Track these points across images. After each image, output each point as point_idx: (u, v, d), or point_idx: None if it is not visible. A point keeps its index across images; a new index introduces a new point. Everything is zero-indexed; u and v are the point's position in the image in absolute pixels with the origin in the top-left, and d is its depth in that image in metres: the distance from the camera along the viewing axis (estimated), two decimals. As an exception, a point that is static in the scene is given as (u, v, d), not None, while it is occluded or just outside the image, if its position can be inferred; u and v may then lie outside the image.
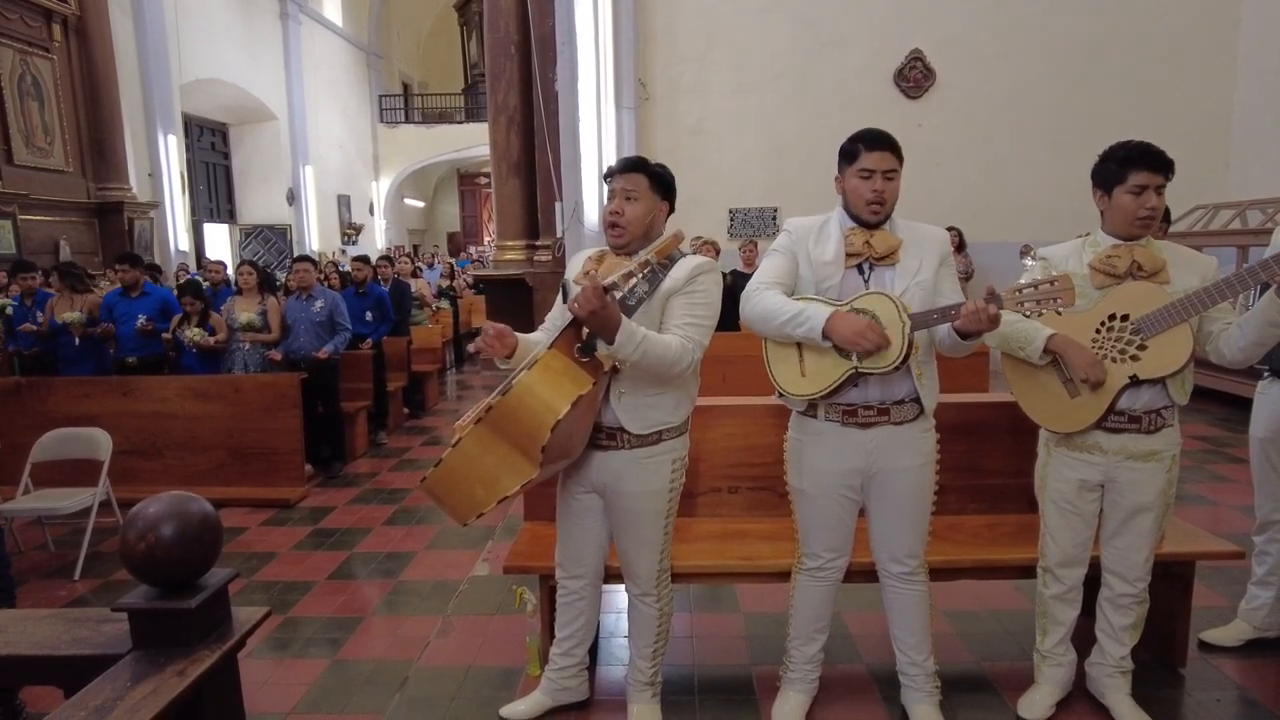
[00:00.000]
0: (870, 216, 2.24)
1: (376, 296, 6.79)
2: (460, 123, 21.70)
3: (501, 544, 4.09)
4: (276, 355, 5.50)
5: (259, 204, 17.43)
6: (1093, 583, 2.55)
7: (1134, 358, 2.25)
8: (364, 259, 7.17)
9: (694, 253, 2.56)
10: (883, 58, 8.89)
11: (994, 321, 2.05)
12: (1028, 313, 2.04)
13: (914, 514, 2.35)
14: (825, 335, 2.14)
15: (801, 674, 2.55)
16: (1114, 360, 2.27)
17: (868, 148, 2.22)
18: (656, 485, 2.30)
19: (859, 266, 2.26)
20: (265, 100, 16.61)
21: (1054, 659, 2.58)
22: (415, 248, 22.67)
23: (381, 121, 21.73)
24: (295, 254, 10.96)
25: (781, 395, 2.34)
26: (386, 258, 8.25)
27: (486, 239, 23.78)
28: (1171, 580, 2.76)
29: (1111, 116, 8.31)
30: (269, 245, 17.01)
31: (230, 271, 8.03)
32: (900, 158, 2.25)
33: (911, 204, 2.83)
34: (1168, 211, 3.30)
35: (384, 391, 6.69)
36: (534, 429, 1.95)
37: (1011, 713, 2.59)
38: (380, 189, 21.76)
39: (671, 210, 2.38)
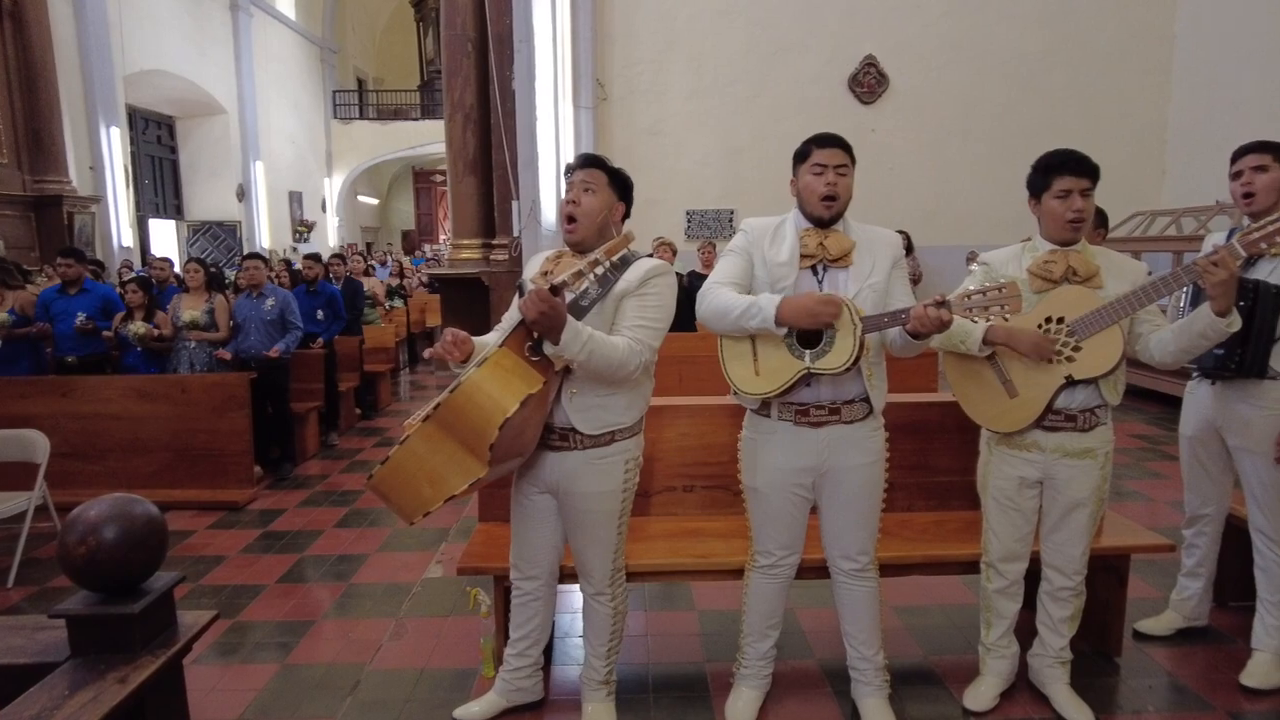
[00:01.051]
0: (824, 212, 2.28)
1: (328, 295, 6.67)
2: (416, 120, 21.45)
3: (455, 545, 4.07)
4: (225, 354, 5.38)
5: (208, 200, 17.00)
6: (1034, 577, 2.63)
7: (1069, 359, 2.33)
8: (316, 257, 7.05)
9: (652, 253, 2.57)
10: (837, 63, 9.03)
11: (945, 325, 2.10)
12: (976, 318, 2.10)
13: (864, 511, 2.40)
14: (779, 322, 2.18)
15: (754, 670, 2.59)
16: (1051, 361, 2.35)
17: (819, 145, 2.29)
18: (610, 485, 2.31)
19: (813, 268, 2.30)
20: (214, 93, 16.20)
21: (998, 651, 2.66)
22: (369, 246, 22.34)
23: (335, 117, 21.37)
24: (245, 251, 10.73)
25: (736, 394, 2.37)
26: (339, 255, 8.11)
27: (442, 237, 23.53)
28: (1108, 573, 2.86)
29: (1055, 126, 8.57)
30: (218, 242, 16.60)
31: (178, 269, 7.82)
32: (852, 156, 2.31)
33: (864, 207, 2.90)
34: (1105, 218, 3.42)
35: (335, 392, 6.59)
36: (482, 427, 1.94)
37: (958, 704, 2.65)
38: (333, 186, 21.39)
39: (628, 213, 2.39)
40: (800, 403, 2.30)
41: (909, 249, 8.46)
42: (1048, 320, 2.37)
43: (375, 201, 25.02)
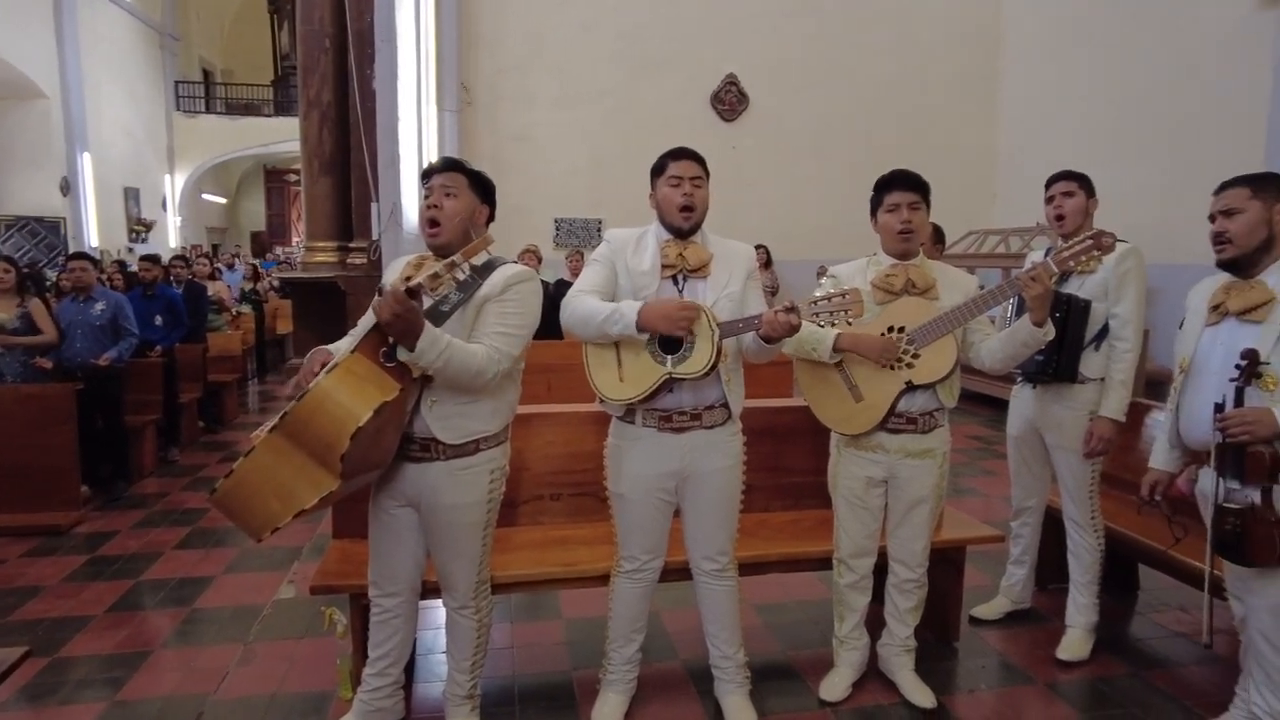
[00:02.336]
0: (683, 222, 2.35)
1: (168, 299, 6.20)
2: (269, 116, 20.28)
3: (309, 564, 3.86)
4: (45, 363, 4.88)
5: (24, 193, 15.32)
6: (881, 571, 2.80)
7: (909, 365, 2.51)
8: (154, 258, 6.53)
9: (516, 260, 2.56)
10: (700, 80, 9.31)
11: (794, 328, 2.21)
12: (822, 323, 2.22)
13: (724, 513, 2.48)
14: (640, 327, 2.22)
15: (620, 675, 2.61)
16: (892, 368, 2.52)
17: (674, 158, 2.38)
18: (474, 497, 2.27)
19: (674, 278, 2.37)
20: (31, 75, 14.63)
21: (850, 643, 2.80)
22: (215, 247, 20.90)
23: (178, 110, 19.83)
24: (71, 250, 9.77)
25: (602, 401, 2.40)
26: (182, 257, 7.56)
27: (295, 239, 22.34)
28: (946, 564, 3.08)
29: (900, 150, 9.15)
30: (38, 240, 15.00)
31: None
32: (706, 169, 2.40)
33: (724, 221, 3.00)
34: (942, 234, 3.70)
35: (176, 403, 6.13)
36: (333, 437, 1.85)
37: (814, 696, 2.78)
38: (175, 183, 19.84)
39: (492, 217, 2.37)
40: (663, 409, 2.35)
41: (768, 262, 8.83)
42: (889, 329, 2.54)
43: (223, 201, 23.43)
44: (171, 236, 19.32)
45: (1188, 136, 7.18)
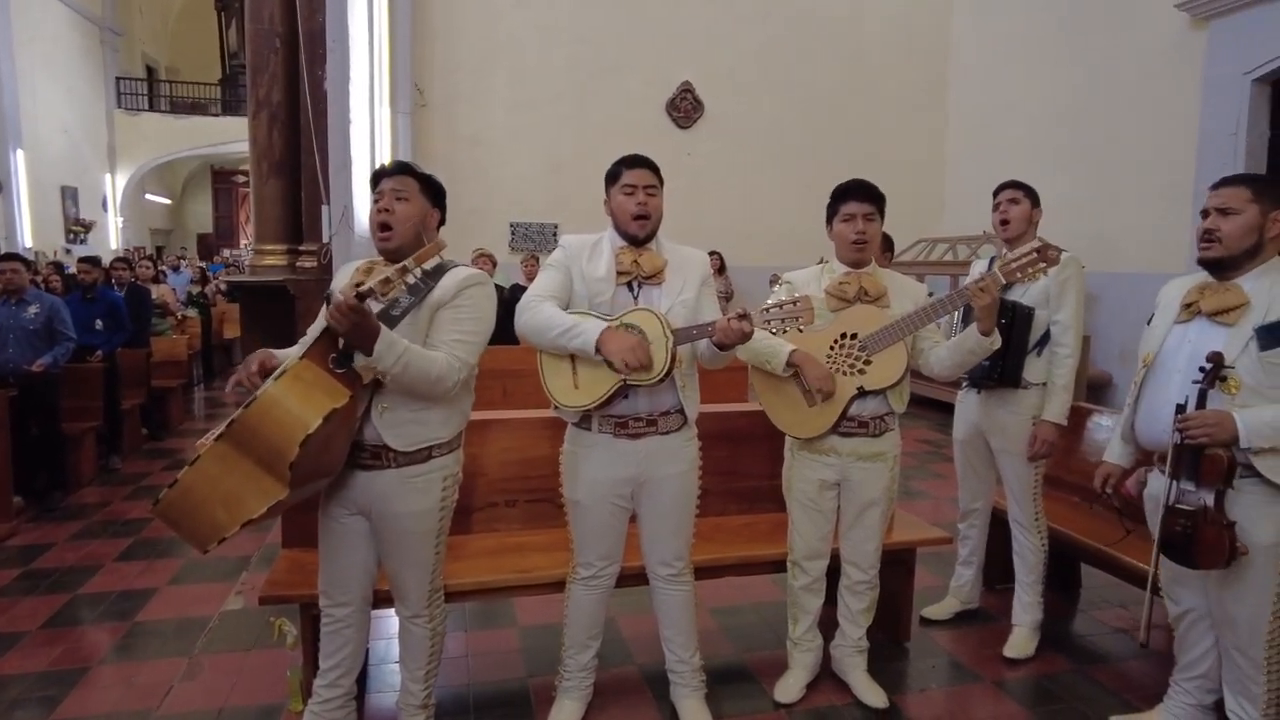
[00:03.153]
0: (638, 230, 2.37)
1: (109, 303, 6.02)
2: (216, 115, 19.78)
3: (258, 574, 3.77)
4: (-25, 369, 4.70)
5: (-47, 191, 14.72)
6: (834, 573, 2.84)
7: (861, 371, 2.56)
8: (93, 260, 6.33)
9: (470, 263, 2.54)
10: (656, 87, 9.35)
11: (747, 335, 2.23)
12: (774, 330, 2.25)
13: (680, 518, 2.49)
14: (597, 349, 2.22)
15: (576, 681, 2.60)
16: (844, 374, 2.57)
17: (628, 166, 2.39)
18: (427, 505, 2.24)
19: (629, 284, 2.38)
20: (-39, 69, 14.10)
21: (804, 645, 2.84)
22: (159, 249, 20.32)
23: (120, 107, 19.21)
24: (3, 251, 9.40)
25: (557, 408, 2.39)
26: (124, 260, 7.33)
27: (244, 242, 21.82)
28: (897, 566, 3.14)
29: (852, 159, 9.30)
30: (-33, 240, 14.41)
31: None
32: (660, 177, 2.42)
33: (679, 227, 3.03)
34: (891, 242, 3.78)
35: (118, 410, 5.94)
36: (281, 444, 1.81)
37: (769, 698, 2.80)
38: (117, 182, 19.22)
39: (443, 220, 2.35)
40: (619, 415, 2.36)
41: (722, 268, 8.91)
42: (842, 336, 2.58)
43: (168, 202, 22.77)
44: (113, 238, 18.70)
45: (1124, 149, 7.45)
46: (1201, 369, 2.17)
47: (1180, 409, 2.18)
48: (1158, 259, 6.85)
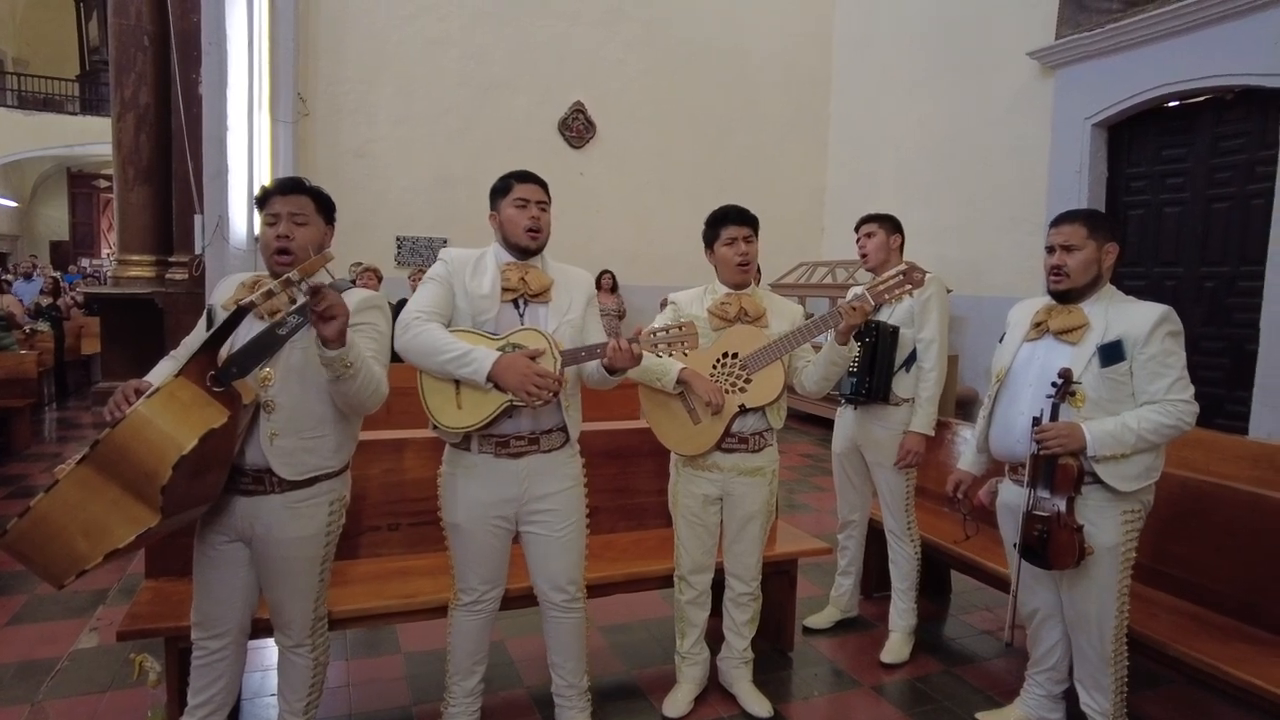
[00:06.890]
0: (530, 242, 2.36)
1: (-56, 316, 5.48)
2: (73, 114, 18.37)
3: (116, 608, 3.50)
4: None
5: None
6: (719, 586, 2.91)
7: (742, 389, 2.65)
8: (-74, 269, 5.77)
9: (354, 280, 2.48)
10: (548, 106, 9.38)
11: (637, 359, 2.28)
12: (660, 353, 2.31)
13: (569, 538, 2.46)
14: (489, 379, 2.19)
15: (462, 707, 2.54)
16: (727, 391, 2.65)
17: (520, 180, 2.39)
18: (312, 530, 2.16)
19: (515, 302, 2.37)
20: None
21: (692, 659, 2.89)
22: (3, 256, 18.65)
23: (-41, 101, 17.62)
24: None
25: (436, 428, 2.34)
26: (-39, 269, 6.70)
27: (106, 251, 20.33)
28: (780, 577, 3.25)
29: (738, 184, 9.65)
30: None
31: None
32: (548, 194, 2.43)
33: (571, 247, 3.05)
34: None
35: (-48, 433, 5.41)
36: (153, 467, 1.69)
37: (659, 713, 2.83)
38: (-46, 183, 17.57)
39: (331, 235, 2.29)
40: (500, 434, 2.33)
41: (614, 287, 8.99)
42: (724, 356, 2.67)
43: (15, 205, 20.95)
44: (-51, 244, 17.04)
45: (986, 183, 8.03)
46: (1054, 384, 2.38)
47: (1037, 421, 2.39)
48: (1018, 284, 7.39)
